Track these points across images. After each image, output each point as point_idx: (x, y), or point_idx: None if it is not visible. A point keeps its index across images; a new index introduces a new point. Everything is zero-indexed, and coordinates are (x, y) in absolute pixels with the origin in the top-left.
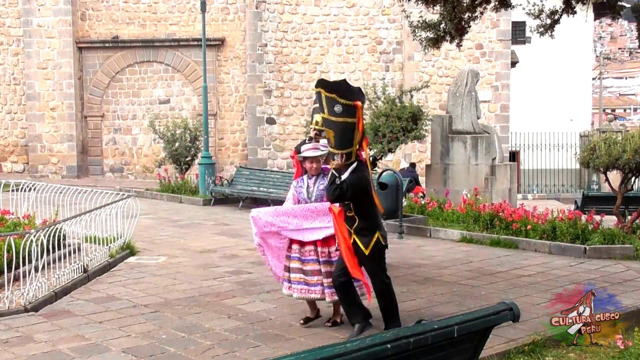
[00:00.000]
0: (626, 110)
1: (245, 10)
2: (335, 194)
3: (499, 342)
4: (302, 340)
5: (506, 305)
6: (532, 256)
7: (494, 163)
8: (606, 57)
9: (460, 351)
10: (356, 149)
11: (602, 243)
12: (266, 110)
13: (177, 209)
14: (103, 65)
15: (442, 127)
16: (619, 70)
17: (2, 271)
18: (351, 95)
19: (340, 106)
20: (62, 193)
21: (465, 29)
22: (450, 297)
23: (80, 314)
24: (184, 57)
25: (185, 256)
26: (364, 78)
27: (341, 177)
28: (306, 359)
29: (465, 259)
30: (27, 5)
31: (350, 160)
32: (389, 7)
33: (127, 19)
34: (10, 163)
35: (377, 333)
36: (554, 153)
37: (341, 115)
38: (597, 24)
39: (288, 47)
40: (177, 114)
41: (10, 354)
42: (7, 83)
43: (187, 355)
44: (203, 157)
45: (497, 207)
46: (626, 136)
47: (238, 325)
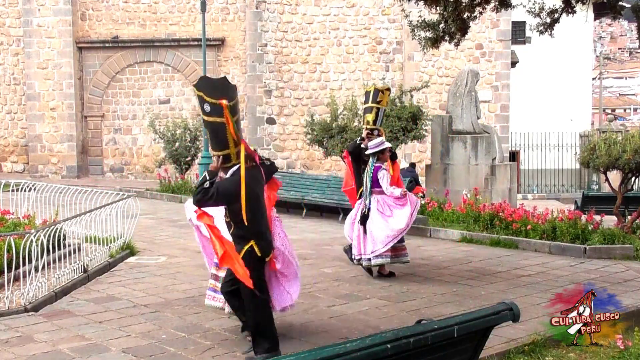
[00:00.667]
0: (626, 110)
1: (245, 10)
2: (197, 197)
3: (499, 342)
4: (302, 340)
5: (506, 305)
6: (532, 256)
7: (494, 163)
8: (606, 57)
9: (460, 351)
10: (235, 150)
11: (602, 243)
12: (266, 110)
13: (177, 209)
14: (103, 65)
15: (442, 127)
16: (619, 70)
17: (2, 271)
18: (216, 94)
19: (208, 105)
20: (62, 193)
21: (465, 29)
22: (450, 297)
23: (80, 314)
24: (184, 57)
25: (185, 256)
26: (364, 78)
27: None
28: (306, 359)
29: (465, 259)
30: (27, 5)
31: (231, 162)
32: (389, 7)
33: (127, 19)
34: (10, 163)
35: (377, 333)
36: (554, 153)
37: (211, 114)
38: (597, 24)
39: (288, 47)
40: (177, 114)
41: (10, 354)
42: (7, 83)
43: (187, 355)
44: (203, 157)
45: (497, 207)
46: (626, 136)
47: (238, 325)
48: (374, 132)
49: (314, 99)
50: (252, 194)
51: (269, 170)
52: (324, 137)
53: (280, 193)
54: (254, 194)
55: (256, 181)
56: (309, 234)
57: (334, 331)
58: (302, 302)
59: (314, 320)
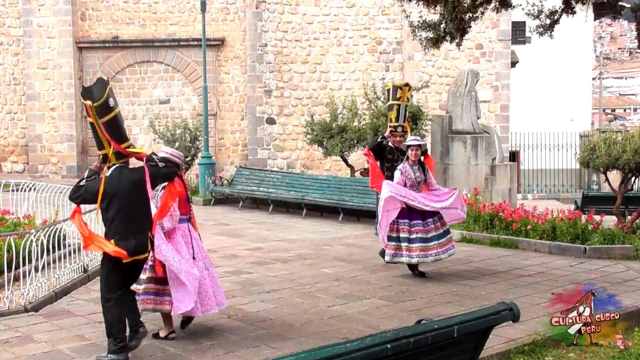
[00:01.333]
0: (626, 110)
1: (245, 10)
2: (70, 194)
3: (499, 342)
4: (302, 340)
5: (506, 305)
6: (532, 256)
7: (494, 163)
8: (606, 57)
9: (460, 351)
10: (112, 150)
11: (602, 243)
12: (266, 110)
13: None
14: (103, 65)
15: (442, 127)
16: (619, 70)
17: (2, 271)
18: (86, 96)
19: (84, 107)
20: (62, 193)
21: (465, 29)
22: (450, 297)
23: (80, 314)
24: (184, 57)
25: None
26: (364, 78)
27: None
28: (306, 359)
29: (465, 259)
30: (27, 5)
31: (110, 162)
32: (389, 7)
33: (127, 19)
34: (10, 163)
35: (377, 333)
36: (554, 153)
37: (88, 115)
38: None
39: (288, 47)
40: (177, 114)
41: (10, 354)
42: (7, 83)
43: (187, 355)
44: (203, 157)
45: (497, 207)
46: (626, 136)
47: (238, 325)
48: (397, 128)
49: (314, 99)
50: (112, 196)
51: (158, 173)
52: (324, 137)
53: (280, 193)
54: (114, 196)
55: (122, 182)
56: (309, 234)
57: (334, 331)
58: (302, 302)
59: (314, 320)
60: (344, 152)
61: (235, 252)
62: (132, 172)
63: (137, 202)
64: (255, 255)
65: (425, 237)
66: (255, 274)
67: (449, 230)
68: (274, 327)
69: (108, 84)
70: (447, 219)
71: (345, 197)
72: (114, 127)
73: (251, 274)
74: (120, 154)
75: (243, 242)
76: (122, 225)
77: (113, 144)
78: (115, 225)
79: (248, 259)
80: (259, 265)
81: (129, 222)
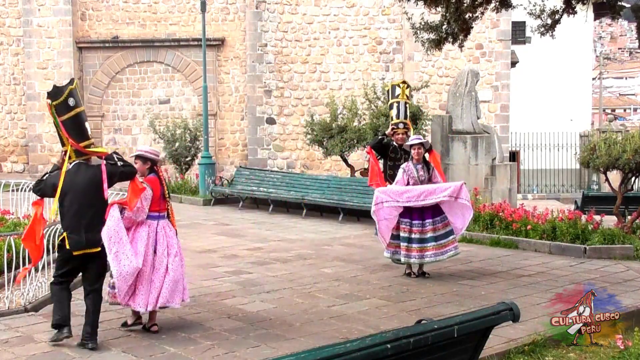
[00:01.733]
0: (626, 110)
1: (245, 10)
2: (32, 187)
3: (499, 342)
4: (302, 340)
5: (506, 305)
6: (532, 256)
7: (494, 163)
8: (606, 57)
9: (460, 351)
10: (71, 147)
11: (602, 243)
12: (266, 110)
13: (177, 209)
14: (103, 65)
15: (442, 127)
16: (619, 70)
17: (2, 271)
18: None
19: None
20: None
21: (467, 29)
22: (450, 297)
23: (80, 314)
24: (184, 57)
25: (185, 256)
26: (364, 78)
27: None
28: (306, 359)
29: (465, 259)
30: (27, 5)
31: (72, 159)
32: (389, 7)
33: (127, 19)
34: (10, 163)
35: (377, 333)
36: (554, 153)
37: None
38: (597, 24)
39: (288, 47)
40: (177, 114)
41: (10, 354)
42: (7, 83)
43: (187, 355)
44: (203, 157)
45: (497, 207)
46: (626, 136)
47: (238, 325)
48: (398, 125)
49: (314, 99)
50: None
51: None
52: (324, 137)
53: (280, 193)
54: (69, 190)
55: (78, 178)
56: (309, 234)
57: (334, 331)
58: (302, 302)
59: (314, 320)
60: (344, 152)
61: (235, 252)
62: (89, 169)
63: (91, 198)
64: (255, 255)
65: (423, 237)
66: (255, 274)
67: (452, 231)
68: (274, 327)
69: (71, 84)
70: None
71: (345, 197)
72: (74, 125)
73: (251, 274)
74: (80, 152)
75: (243, 242)
76: (75, 219)
77: (71, 142)
78: (69, 219)
79: (248, 259)
80: (259, 265)
81: (81, 217)
